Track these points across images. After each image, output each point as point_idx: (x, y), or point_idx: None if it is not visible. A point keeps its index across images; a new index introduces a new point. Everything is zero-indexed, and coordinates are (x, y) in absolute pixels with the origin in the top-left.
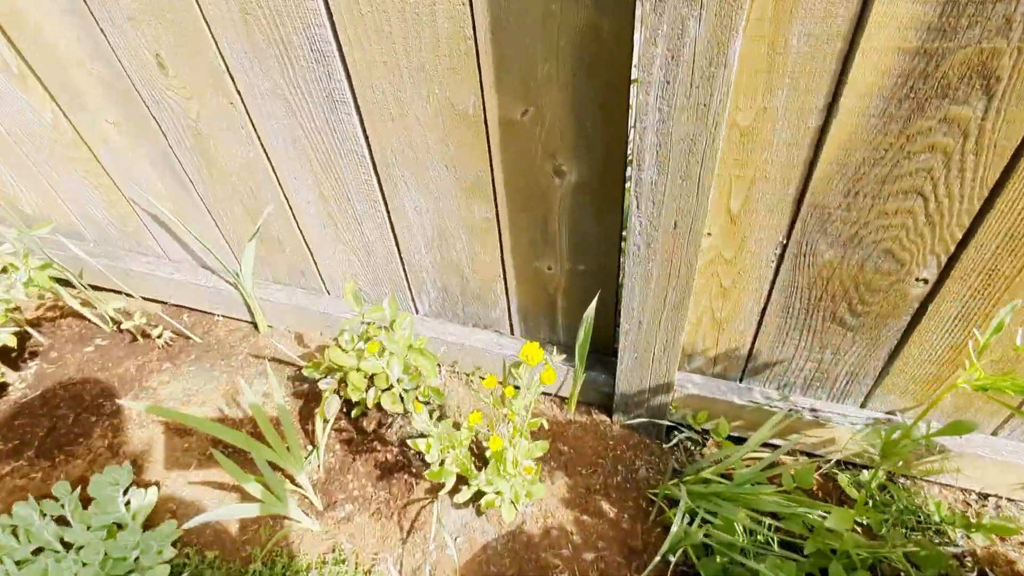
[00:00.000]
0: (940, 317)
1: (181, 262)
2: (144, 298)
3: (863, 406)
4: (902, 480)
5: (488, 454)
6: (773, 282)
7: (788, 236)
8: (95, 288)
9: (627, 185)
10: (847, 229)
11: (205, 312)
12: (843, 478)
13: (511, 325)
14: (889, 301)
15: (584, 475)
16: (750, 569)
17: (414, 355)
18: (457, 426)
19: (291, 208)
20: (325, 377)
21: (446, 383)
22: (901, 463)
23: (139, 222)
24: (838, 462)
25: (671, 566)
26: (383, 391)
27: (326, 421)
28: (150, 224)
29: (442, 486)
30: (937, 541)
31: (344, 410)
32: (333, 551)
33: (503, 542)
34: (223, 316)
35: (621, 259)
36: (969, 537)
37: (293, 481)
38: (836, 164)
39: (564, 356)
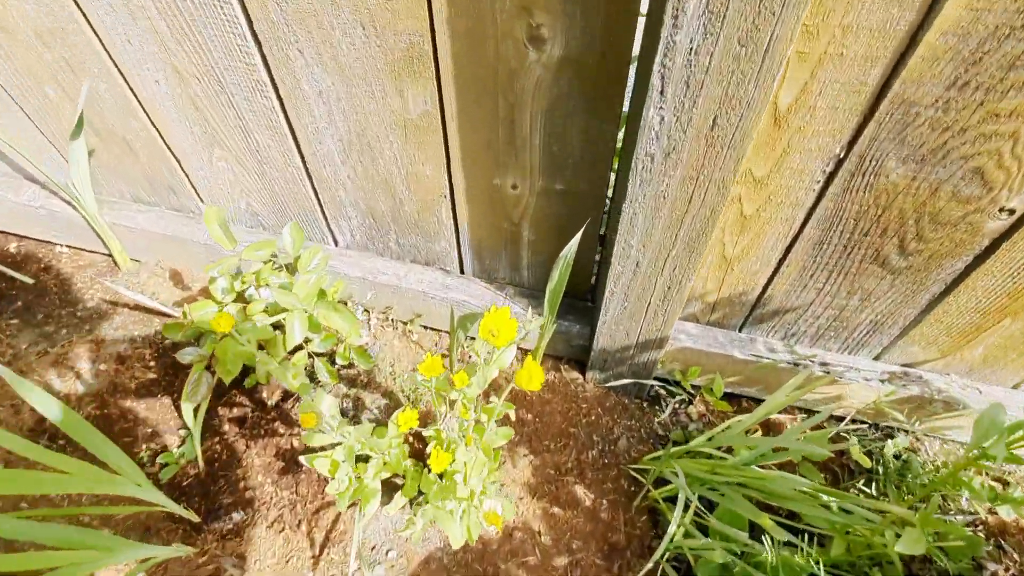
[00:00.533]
0: (1010, 258)
1: None
2: None
3: (877, 358)
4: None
5: (430, 450)
6: (812, 210)
7: (849, 147)
8: None
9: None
10: (934, 138)
11: (43, 241)
12: (855, 448)
13: (460, 261)
14: (954, 238)
15: (553, 451)
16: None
17: (325, 310)
18: (390, 396)
19: (132, 90)
20: (193, 342)
21: (376, 335)
22: (922, 424)
23: None
24: (840, 420)
25: (660, 565)
26: (283, 358)
27: (196, 409)
28: None
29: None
30: (950, 508)
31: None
32: None
33: (451, 553)
34: (68, 247)
35: (612, 177)
36: (982, 504)
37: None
38: (953, 35)
39: (529, 301)
